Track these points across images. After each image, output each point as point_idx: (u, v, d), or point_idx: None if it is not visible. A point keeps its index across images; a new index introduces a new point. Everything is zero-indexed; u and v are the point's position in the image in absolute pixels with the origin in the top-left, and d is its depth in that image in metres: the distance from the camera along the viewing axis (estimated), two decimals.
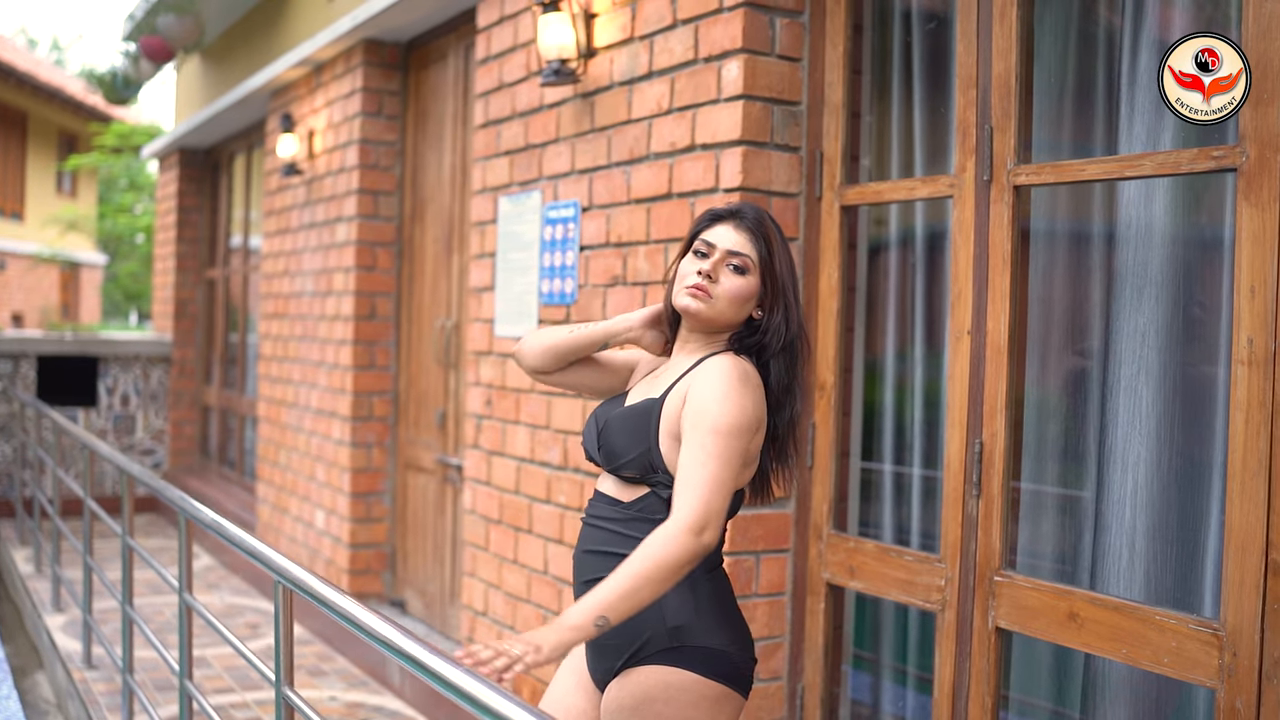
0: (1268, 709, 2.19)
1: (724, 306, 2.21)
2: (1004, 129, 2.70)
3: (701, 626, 2.17)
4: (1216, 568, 2.47)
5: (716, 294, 2.19)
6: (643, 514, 2.19)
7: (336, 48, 5.89)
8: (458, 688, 1.76)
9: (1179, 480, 2.56)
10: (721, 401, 2.08)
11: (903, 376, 3.24)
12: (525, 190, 4.21)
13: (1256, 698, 2.20)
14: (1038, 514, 2.79)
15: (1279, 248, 2.18)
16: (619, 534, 2.20)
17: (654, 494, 2.18)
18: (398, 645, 1.99)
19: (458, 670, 1.79)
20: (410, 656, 1.94)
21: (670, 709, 2.15)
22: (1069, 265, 2.81)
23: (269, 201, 7.01)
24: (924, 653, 3.15)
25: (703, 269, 2.20)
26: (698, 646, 2.16)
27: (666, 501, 2.15)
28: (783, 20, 3.24)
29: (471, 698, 1.72)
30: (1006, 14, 2.69)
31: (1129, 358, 2.63)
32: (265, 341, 7.03)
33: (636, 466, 2.18)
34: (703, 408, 2.08)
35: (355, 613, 2.19)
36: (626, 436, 2.20)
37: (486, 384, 4.47)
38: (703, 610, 2.18)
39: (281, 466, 6.70)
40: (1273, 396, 2.18)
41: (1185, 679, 2.33)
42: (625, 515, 2.20)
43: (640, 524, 2.17)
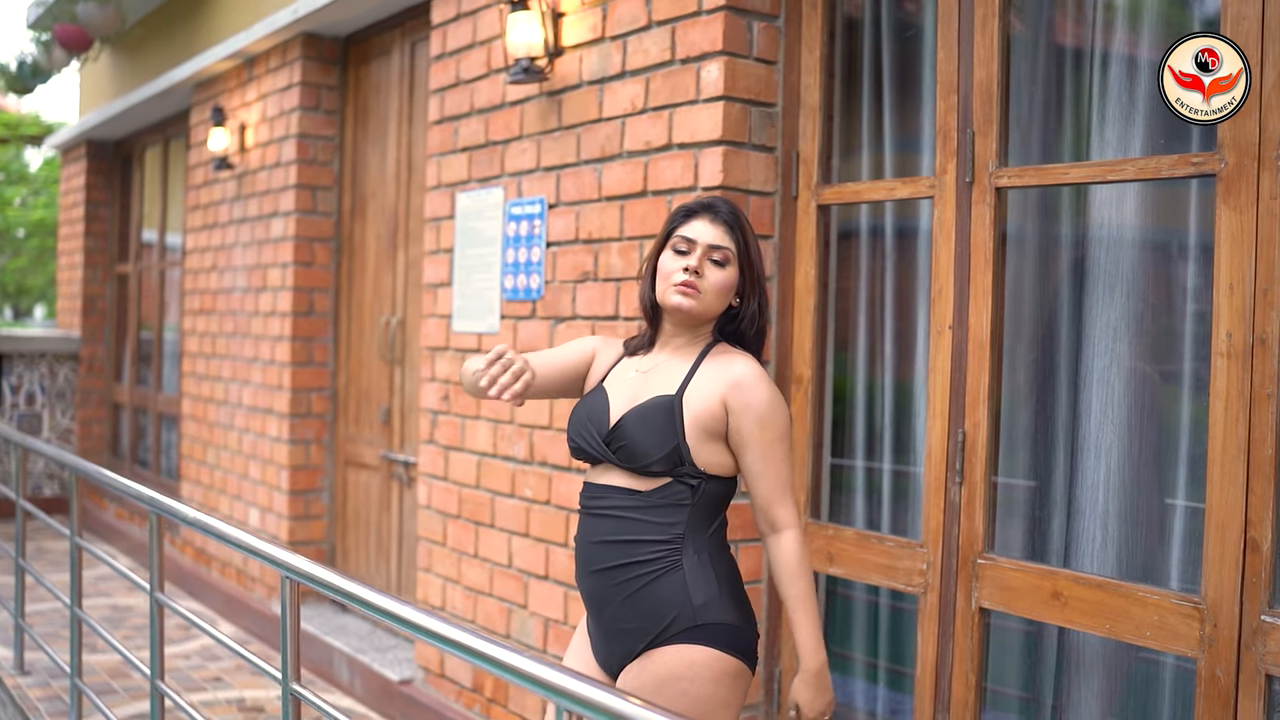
0: (1246, 675, 2.35)
1: (712, 300, 2.31)
2: (986, 133, 2.84)
3: (720, 603, 2.27)
4: (1182, 546, 2.64)
5: (704, 289, 2.29)
6: (669, 500, 2.27)
7: (272, 41, 5.81)
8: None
9: (1148, 465, 2.72)
10: (777, 409, 2.30)
11: (875, 370, 3.36)
12: (486, 187, 4.24)
13: (1235, 665, 2.37)
14: (1017, 500, 2.94)
15: (1255, 249, 2.35)
16: (644, 521, 2.27)
17: (678, 482, 2.27)
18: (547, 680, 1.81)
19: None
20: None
21: (695, 686, 2.23)
22: (1044, 263, 2.96)
23: (194, 196, 6.87)
24: (894, 644, 3.28)
25: (688, 266, 2.28)
26: (718, 623, 2.25)
27: (692, 488, 2.27)
28: (760, 24, 3.34)
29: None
30: (988, 24, 2.83)
31: (1101, 350, 2.79)
32: (190, 338, 6.89)
33: (665, 463, 2.26)
34: (765, 418, 2.28)
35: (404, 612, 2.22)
36: (652, 435, 2.27)
37: (443, 379, 4.48)
38: (722, 588, 2.28)
39: (210, 465, 6.58)
40: (1250, 386, 2.35)
41: (1167, 650, 2.49)
42: (648, 503, 2.28)
43: (667, 509, 2.27)
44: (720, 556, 2.33)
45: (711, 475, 2.29)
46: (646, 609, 2.26)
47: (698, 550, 2.27)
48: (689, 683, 2.24)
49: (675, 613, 2.24)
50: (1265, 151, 2.33)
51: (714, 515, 2.34)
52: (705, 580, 2.26)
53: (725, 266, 2.30)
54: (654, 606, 2.25)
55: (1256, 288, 2.34)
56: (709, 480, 2.29)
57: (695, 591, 2.25)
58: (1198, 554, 2.46)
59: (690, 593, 2.24)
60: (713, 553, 2.30)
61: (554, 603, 3.84)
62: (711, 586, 2.26)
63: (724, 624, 2.26)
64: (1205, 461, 2.42)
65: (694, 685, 2.24)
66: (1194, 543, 2.51)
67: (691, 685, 2.24)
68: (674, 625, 2.25)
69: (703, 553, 2.28)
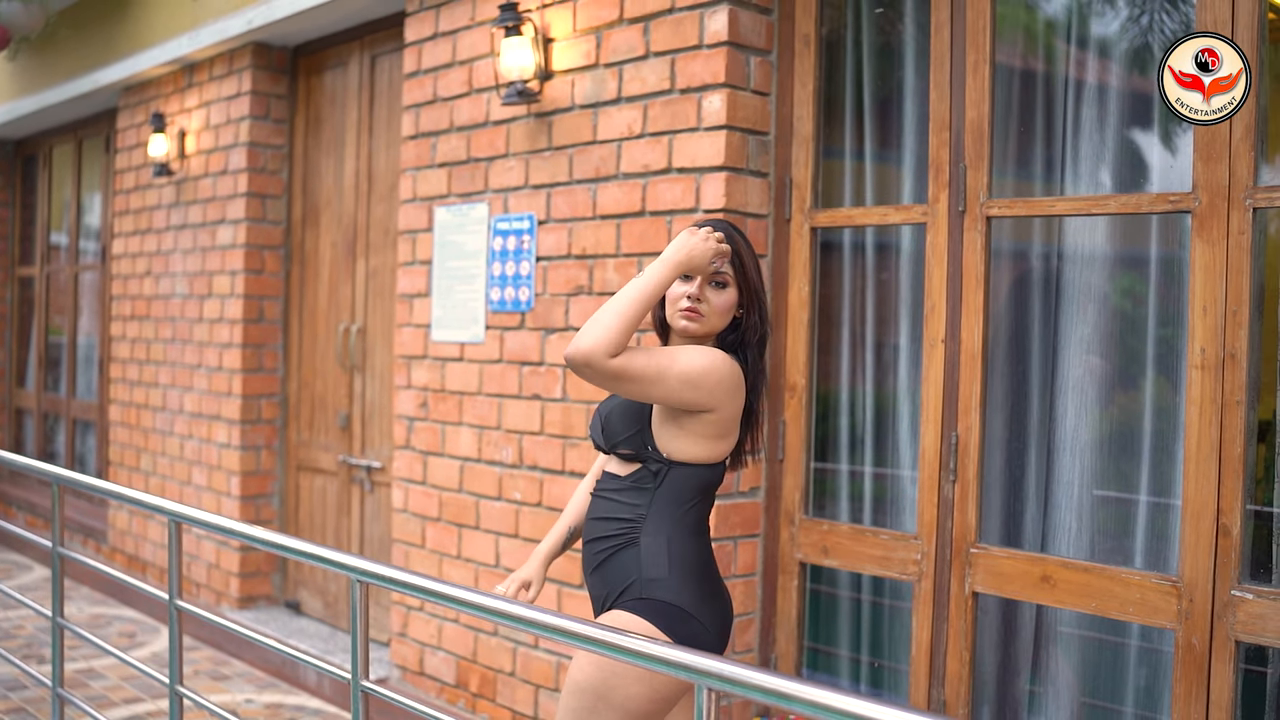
0: (1219, 642, 2.73)
1: (715, 321, 2.54)
2: (977, 167, 3.17)
3: (669, 584, 2.40)
4: (1147, 532, 3.02)
5: (707, 312, 2.52)
6: (636, 484, 2.48)
7: (219, 49, 5.85)
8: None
9: (1119, 462, 3.10)
10: (693, 353, 2.41)
11: (857, 380, 3.68)
12: (469, 202, 4.41)
13: (1209, 634, 2.75)
14: (1007, 495, 3.28)
15: (1226, 276, 2.72)
16: (618, 501, 2.50)
17: (645, 468, 2.48)
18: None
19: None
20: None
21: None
22: (1026, 284, 3.31)
23: (124, 200, 6.81)
24: (878, 639, 3.60)
25: (690, 293, 2.52)
26: (661, 600, 2.40)
27: (654, 473, 2.46)
28: (756, 59, 3.61)
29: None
30: (979, 69, 3.16)
31: (1069, 362, 3.16)
32: (120, 344, 6.83)
33: (631, 445, 2.49)
34: (678, 354, 2.41)
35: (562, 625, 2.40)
36: (625, 420, 2.52)
37: (421, 387, 4.63)
38: (674, 569, 2.42)
39: (144, 471, 6.54)
40: (1222, 394, 2.73)
41: (1148, 624, 2.86)
42: (622, 486, 2.50)
43: (634, 493, 2.47)
44: (683, 541, 2.44)
45: (675, 461, 2.44)
46: (608, 577, 2.47)
47: (657, 531, 2.43)
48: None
49: (626, 583, 2.43)
50: (1234, 193, 2.71)
51: (681, 502, 2.45)
52: (658, 559, 2.41)
53: (725, 288, 2.52)
54: (612, 574, 2.46)
55: (1227, 309, 2.72)
56: (672, 466, 2.44)
57: (646, 567, 2.41)
58: (1164, 540, 2.83)
59: (642, 568, 2.41)
60: (673, 536, 2.43)
61: (547, 600, 4.04)
62: (662, 566, 2.41)
63: (667, 604, 2.39)
64: (1170, 459, 2.79)
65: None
66: (1160, 530, 2.88)
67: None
68: (628, 592, 2.43)
69: (661, 535, 2.42)
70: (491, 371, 4.32)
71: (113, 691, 5.06)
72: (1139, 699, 3.05)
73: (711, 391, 2.40)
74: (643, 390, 2.37)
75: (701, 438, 2.45)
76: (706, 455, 2.47)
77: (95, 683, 5.17)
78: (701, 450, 2.46)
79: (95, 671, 5.33)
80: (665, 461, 2.45)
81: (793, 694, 1.80)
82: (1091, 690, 3.17)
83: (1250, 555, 2.75)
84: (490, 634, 4.30)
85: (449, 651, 4.48)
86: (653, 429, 2.47)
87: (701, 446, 2.46)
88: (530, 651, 4.12)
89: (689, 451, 2.45)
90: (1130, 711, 3.08)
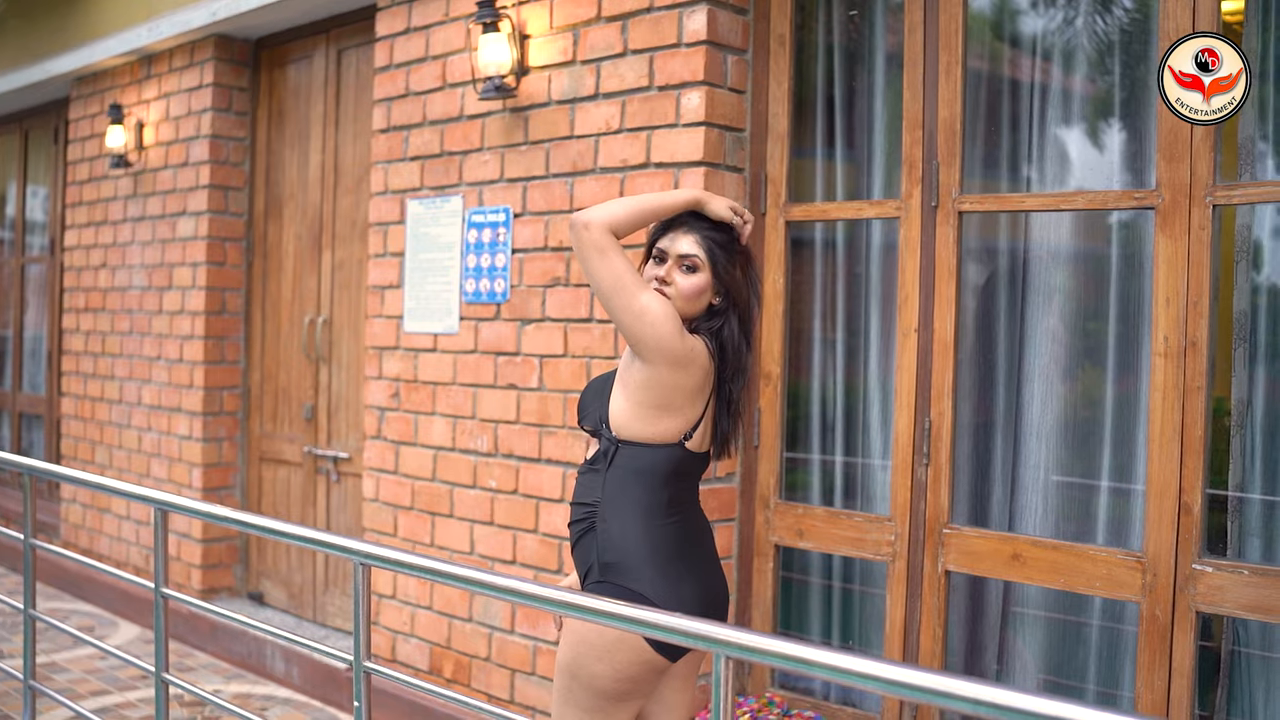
0: (1180, 613, 2.90)
1: (680, 304, 2.55)
2: (949, 164, 3.32)
3: (627, 568, 2.43)
4: (1108, 512, 3.19)
5: (673, 294, 2.55)
6: (592, 466, 2.53)
7: (179, 40, 5.83)
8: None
9: (1081, 446, 3.26)
10: (653, 309, 2.43)
11: (829, 368, 3.81)
12: (443, 195, 4.48)
13: (1171, 606, 2.92)
14: (978, 477, 3.43)
15: (1187, 270, 2.89)
16: (581, 484, 2.58)
17: (599, 450, 2.53)
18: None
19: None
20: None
21: (583, 628, 2.46)
22: (994, 276, 3.46)
23: (77, 192, 6.74)
24: (846, 624, 3.74)
25: (658, 275, 2.61)
26: (618, 585, 2.42)
27: (604, 454, 2.50)
28: (732, 58, 3.73)
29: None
30: (952, 71, 3.31)
31: (1039, 350, 3.32)
32: (74, 336, 6.77)
33: (591, 421, 2.56)
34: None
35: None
36: (592, 396, 2.61)
37: (393, 377, 4.69)
38: (632, 554, 2.43)
39: (100, 464, 6.49)
40: (1184, 381, 2.90)
41: (1114, 597, 3.02)
42: (585, 468, 2.58)
43: (591, 475, 2.53)
44: (644, 525, 2.45)
45: (623, 440, 2.46)
46: (578, 558, 2.55)
47: (613, 516, 2.45)
48: (582, 624, 2.45)
49: (592, 562, 2.50)
50: (1196, 191, 2.87)
51: (634, 484, 2.46)
52: (614, 544, 2.44)
53: (695, 272, 2.54)
54: (580, 556, 2.54)
55: (1188, 300, 2.89)
56: (620, 446, 2.46)
57: (603, 551, 2.45)
58: (1129, 518, 3.00)
59: (600, 552, 2.46)
60: (630, 521, 2.45)
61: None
62: (619, 551, 2.44)
63: (623, 588, 2.41)
64: (1133, 442, 2.96)
65: (582, 628, 2.44)
66: (1125, 509, 3.05)
67: (581, 627, 2.44)
68: (591, 574, 2.50)
69: (616, 520, 2.45)
70: (466, 362, 4.38)
71: (78, 684, 5.04)
72: (1103, 670, 3.22)
73: (648, 336, 2.40)
74: (606, 278, 2.42)
75: (640, 405, 2.45)
76: (651, 433, 2.46)
77: (59, 676, 5.14)
78: (643, 425, 2.46)
79: (58, 665, 5.30)
80: (614, 440, 2.47)
81: (811, 659, 1.91)
82: (1058, 664, 3.34)
83: (1209, 531, 2.93)
84: (464, 620, 4.37)
85: (422, 638, 4.54)
86: (610, 403, 2.51)
87: (642, 419, 2.45)
88: (506, 637, 4.20)
89: (632, 427, 2.46)
90: (1092, 686, 3.25)
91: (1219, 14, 2.85)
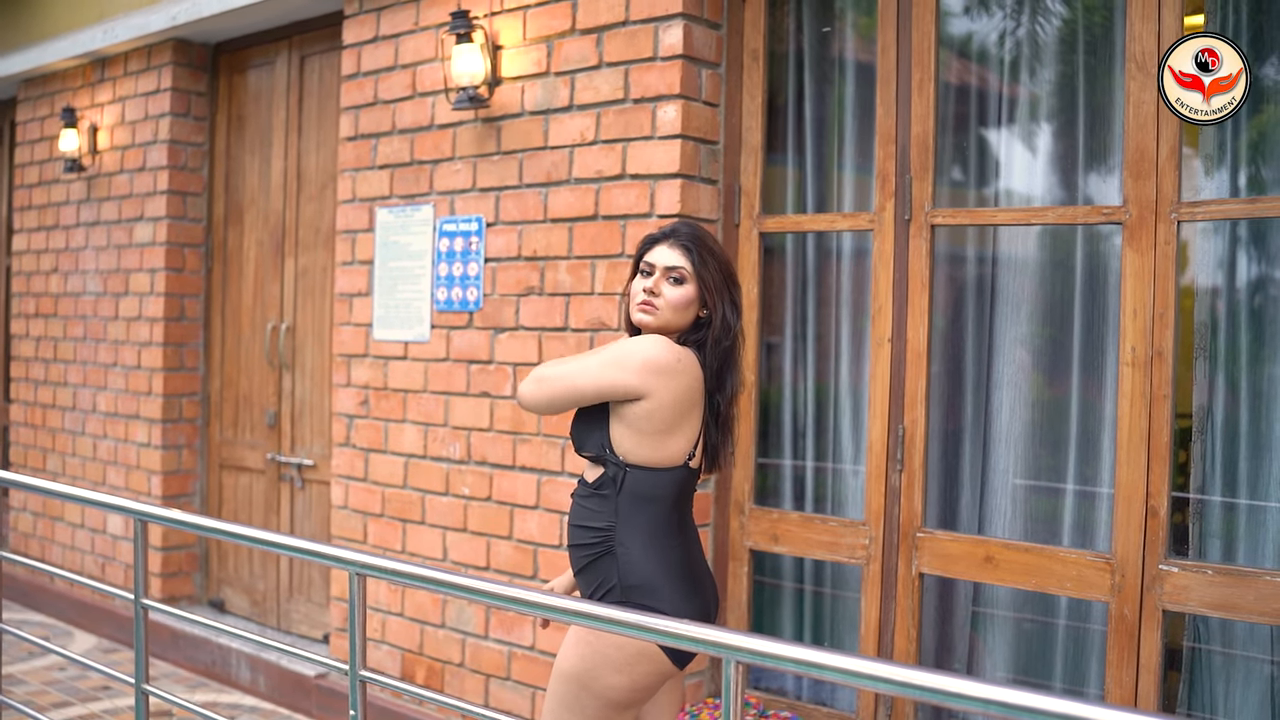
0: (1148, 612, 3.03)
1: (669, 315, 2.63)
2: (922, 179, 3.42)
3: (652, 589, 2.49)
4: (1076, 515, 3.31)
5: (661, 306, 2.62)
6: (598, 490, 2.56)
7: (136, 44, 5.77)
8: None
9: (1047, 452, 3.38)
10: (624, 344, 2.56)
11: (801, 377, 3.90)
12: (413, 204, 4.50)
13: (1139, 605, 3.04)
14: (950, 483, 3.54)
15: (1154, 282, 3.02)
16: (585, 508, 2.60)
17: (606, 474, 2.57)
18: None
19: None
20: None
21: (600, 642, 2.52)
22: (965, 287, 3.57)
23: (26, 195, 6.64)
24: (817, 626, 3.83)
25: (646, 287, 2.68)
26: (645, 606, 2.46)
27: (613, 479, 2.53)
28: (707, 71, 3.80)
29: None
30: (925, 88, 3.41)
31: (1010, 359, 3.43)
32: (23, 342, 6.66)
33: (591, 447, 2.59)
34: (613, 344, 2.59)
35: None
36: (587, 424, 2.61)
37: (361, 385, 4.69)
38: (654, 575, 2.50)
39: (52, 472, 6.40)
40: (1150, 389, 3.02)
41: (1084, 597, 3.14)
42: (588, 492, 2.61)
43: (598, 499, 2.55)
44: (659, 545, 2.52)
45: (631, 464, 2.50)
46: (590, 579, 2.59)
47: (631, 540, 2.50)
48: (596, 637, 2.49)
49: (609, 585, 2.54)
50: (1161, 208, 3.00)
51: (647, 507, 2.52)
52: (636, 567, 2.50)
53: (682, 284, 2.60)
54: (595, 576, 2.57)
55: (1154, 312, 3.01)
56: (629, 470, 2.50)
57: (625, 574, 2.50)
58: (1096, 522, 3.12)
59: (621, 574, 2.50)
60: (648, 543, 2.51)
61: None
62: (642, 573, 2.49)
63: (644, 606, 2.45)
64: (1100, 448, 3.08)
65: (600, 640, 2.49)
66: (1093, 513, 3.17)
67: (598, 640, 2.49)
68: (610, 595, 2.54)
69: (635, 543, 2.50)
70: (438, 370, 4.41)
71: (38, 696, 4.98)
72: (1069, 668, 3.34)
73: (637, 371, 2.45)
74: (578, 390, 2.53)
75: (643, 433, 2.49)
76: (659, 457, 2.51)
77: (17, 688, 5.07)
78: (650, 450, 2.51)
79: (15, 677, 5.23)
80: (621, 465, 2.51)
81: (819, 662, 1.98)
82: (1027, 663, 3.46)
83: (1174, 533, 3.06)
84: (437, 626, 4.39)
85: (394, 645, 4.56)
86: (609, 429, 2.54)
87: (648, 445, 2.50)
88: (480, 642, 4.24)
89: (639, 452, 2.51)
90: (1060, 683, 3.37)
91: (1181, 30, 2.97)
